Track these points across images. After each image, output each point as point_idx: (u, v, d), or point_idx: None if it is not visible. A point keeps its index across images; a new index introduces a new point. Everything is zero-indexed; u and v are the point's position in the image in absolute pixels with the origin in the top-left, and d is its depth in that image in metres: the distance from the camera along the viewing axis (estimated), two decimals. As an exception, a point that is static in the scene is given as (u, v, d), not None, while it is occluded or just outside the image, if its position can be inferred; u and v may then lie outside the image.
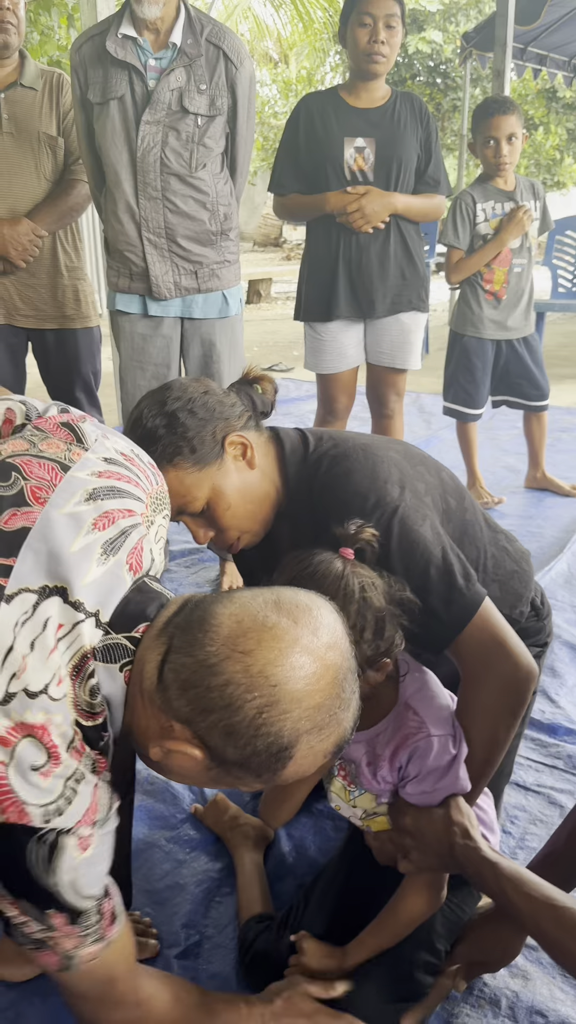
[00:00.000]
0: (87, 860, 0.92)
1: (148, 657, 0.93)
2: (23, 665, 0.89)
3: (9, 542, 0.94)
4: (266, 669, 0.87)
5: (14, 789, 0.87)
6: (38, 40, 7.01)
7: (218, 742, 0.90)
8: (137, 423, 1.35)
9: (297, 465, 1.40)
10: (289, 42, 16.05)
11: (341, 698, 0.92)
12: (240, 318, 2.63)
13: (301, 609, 0.92)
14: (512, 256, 3.22)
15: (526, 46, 6.77)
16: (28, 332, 2.86)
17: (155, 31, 2.32)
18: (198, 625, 0.91)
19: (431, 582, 1.26)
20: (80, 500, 1.00)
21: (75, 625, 0.92)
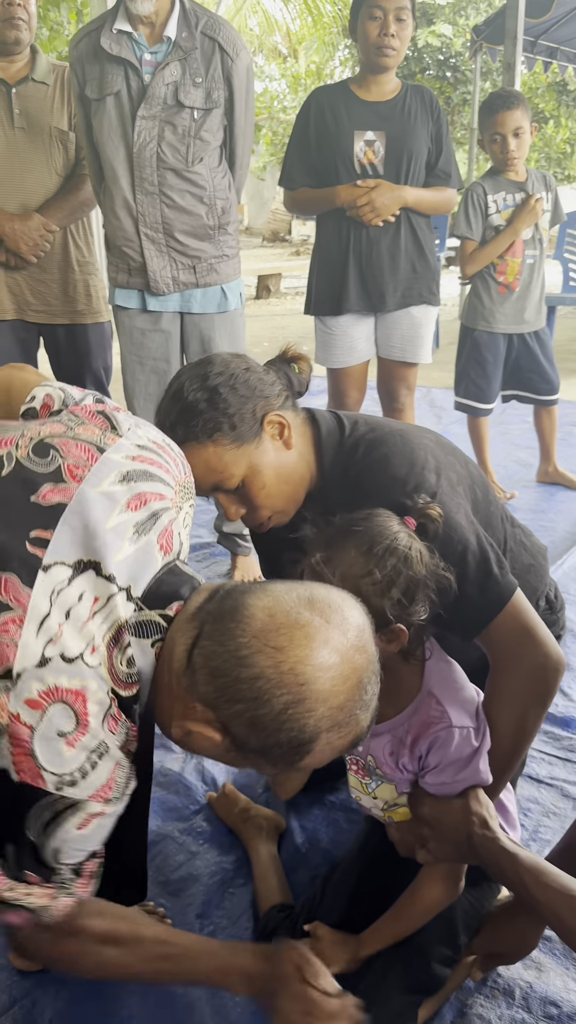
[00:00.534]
0: (80, 837, 0.94)
1: (178, 639, 0.95)
2: (59, 632, 0.91)
3: (46, 516, 0.96)
4: (296, 667, 0.89)
5: (36, 754, 0.88)
6: (47, 35, 7.02)
7: (241, 730, 0.92)
8: (178, 395, 1.33)
9: (333, 448, 1.40)
10: (298, 36, 16.03)
11: (363, 699, 0.94)
12: (240, 312, 2.63)
13: (333, 608, 0.94)
14: (524, 247, 3.21)
15: (536, 39, 6.73)
16: (39, 327, 2.87)
17: (150, 25, 2.32)
18: (230, 615, 0.92)
19: (467, 568, 1.27)
20: (114, 480, 1.02)
21: (109, 598, 0.95)
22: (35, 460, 1.01)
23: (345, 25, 3.39)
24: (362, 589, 1.12)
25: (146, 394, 2.61)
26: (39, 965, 1.41)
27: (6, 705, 0.88)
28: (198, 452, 1.30)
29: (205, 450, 1.30)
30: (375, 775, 1.32)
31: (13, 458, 1.02)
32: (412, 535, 1.19)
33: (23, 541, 0.93)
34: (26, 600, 0.90)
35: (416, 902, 1.29)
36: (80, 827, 0.93)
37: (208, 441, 1.30)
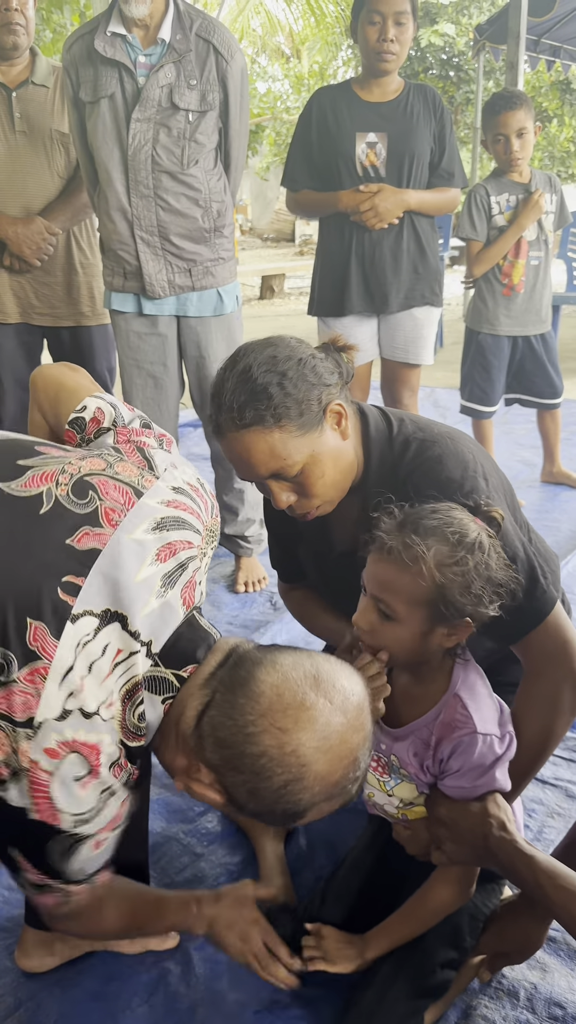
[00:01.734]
0: (97, 856, 1.02)
1: (190, 703, 1.01)
2: (81, 686, 0.94)
3: (80, 560, 0.98)
4: (299, 749, 0.95)
5: (54, 798, 0.94)
6: (50, 38, 7.03)
7: (240, 797, 0.99)
8: (246, 376, 1.27)
9: (382, 443, 1.39)
10: (301, 37, 16.04)
11: (355, 775, 1.01)
12: (237, 315, 2.63)
13: (336, 688, 0.99)
14: (529, 248, 3.21)
15: (539, 38, 6.72)
16: (44, 330, 2.88)
17: (144, 27, 2.32)
18: (241, 688, 0.97)
19: (524, 566, 1.31)
20: (148, 528, 1.05)
21: (132, 654, 0.99)
22: (73, 500, 1.03)
23: (348, 25, 3.38)
24: (447, 577, 1.14)
25: (143, 398, 2.61)
26: (44, 967, 1.42)
27: (27, 752, 0.92)
28: (264, 437, 1.27)
29: (271, 435, 1.26)
30: (397, 774, 1.31)
31: (52, 496, 1.03)
32: (491, 534, 1.20)
33: (55, 587, 0.96)
34: (52, 651, 0.93)
35: (426, 904, 1.28)
36: (95, 848, 1.01)
37: (275, 426, 1.26)
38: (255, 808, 0.99)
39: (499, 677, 1.52)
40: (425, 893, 1.28)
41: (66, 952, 1.43)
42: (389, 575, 1.17)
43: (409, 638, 1.19)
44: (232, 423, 1.27)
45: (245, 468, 1.31)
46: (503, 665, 1.55)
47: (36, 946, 1.42)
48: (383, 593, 1.19)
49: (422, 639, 1.20)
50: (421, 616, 1.17)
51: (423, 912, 1.28)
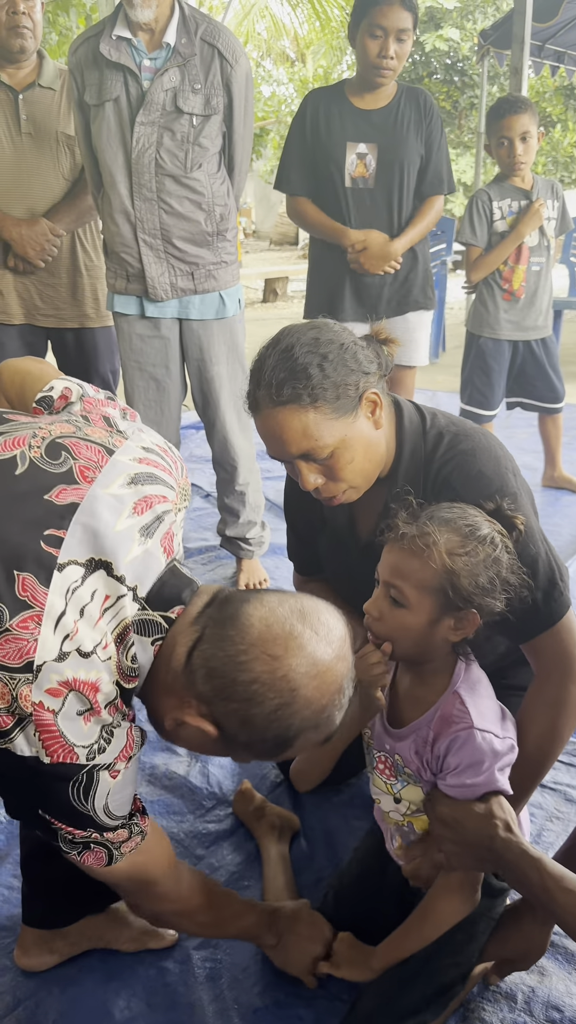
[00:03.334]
0: (118, 784, 1.02)
1: (179, 640, 1.03)
2: (75, 628, 0.97)
3: (60, 514, 1.01)
4: (289, 675, 0.99)
5: (63, 732, 0.96)
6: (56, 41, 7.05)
7: (232, 726, 1.02)
8: (288, 354, 1.29)
9: (415, 435, 1.41)
10: (306, 41, 16.05)
11: (340, 703, 1.05)
12: (239, 319, 2.64)
13: (321, 621, 1.03)
14: (530, 254, 3.21)
15: (544, 43, 6.72)
16: (48, 331, 2.88)
17: (149, 31, 2.33)
18: (230, 622, 1.01)
19: (537, 575, 1.32)
20: (123, 483, 1.07)
21: (119, 598, 1.01)
22: (48, 461, 1.06)
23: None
24: (456, 564, 1.16)
25: (146, 400, 2.62)
26: (43, 966, 1.42)
27: (28, 696, 0.94)
28: (299, 415, 1.28)
29: (306, 415, 1.28)
30: (402, 775, 1.31)
31: (27, 458, 1.05)
32: (503, 534, 1.23)
33: (38, 540, 0.98)
34: (43, 599, 0.95)
35: (431, 915, 1.27)
36: (113, 776, 1.01)
37: (311, 406, 1.28)
38: (246, 737, 1.02)
39: (505, 680, 1.54)
40: (429, 904, 1.27)
41: (65, 951, 1.43)
42: (401, 560, 1.20)
43: (417, 626, 1.21)
44: (269, 399, 1.29)
45: (277, 445, 1.33)
46: (510, 669, 1.56)
47: (35, 945, 1.42)
48: (394, 579, 1.21)
49: (429, 628, 1.21)
50: (430, 604, 1.19)
51: (428, 923, 1.27)
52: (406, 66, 14.91)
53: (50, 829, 1.04)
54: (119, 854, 1.08)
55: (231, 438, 2.67)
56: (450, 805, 1.21)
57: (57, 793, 0.99)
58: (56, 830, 1.03)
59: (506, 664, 1.58)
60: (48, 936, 1.42)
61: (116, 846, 1.07)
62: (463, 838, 1.19)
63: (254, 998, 1.38)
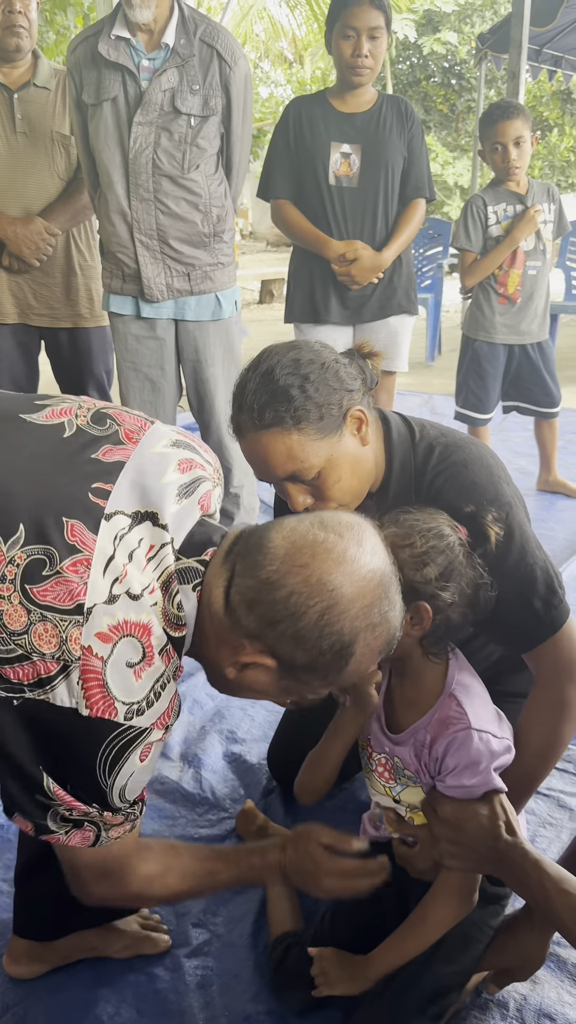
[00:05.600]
0: (142, 768, 1.01)
1: (215, 583, 1.03)
2: (124, 571, 0.97)
3: (107, 470, 1.04)
4: (323, 577, 0.97)
5: (108, 684, 0.94)
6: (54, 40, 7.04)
7: (287, 649, 0.99)
8: (269, 377, 1.29)
9: (404, 448, 1.41)
10: (304, 42, 16.05)
11: (388, 597, 1.02)
12: (235, 320, 2.63)
13: (343, 525, 1.02)
14: (526, 259, 3.21)
15: (541, 47, 6.74)
16: (41, 331, 2.87)
17: (148, 32, 2.32)
18: (256, 550, 1.01)
19: (537, 584, 1.33)
20: (166, 444, 1.11)
21: (162, 546, 1.02)
22: (94, 426, 1.10)
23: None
24: (399, 556, 1.15)
25: (140, 400, 2.61)
26: (32, 975, 1.41)
27: (78, 639, 0.93)
28: (282, 438, 1.28)
29: (290, 437, 1.28)
30: (402, 778, 1.30)
31: (74, 424, 1.10)
32: (462, 541, 1.23)
33: (86, 492, 1.00)
34: (92, 544, 0.97)
35: (427, 918, 1.25)
36: (142, 758, 0.99)
37: (294, 429, 1.28)
38: (304, 657, 0.99)
39: (500, 687, 1.53)
40: (426, 907, 1.26)
41: (56, 961, 1.42)
42: None
43: None
44: (252, 423, 1.29)
45: (263, 469, 1.33)
46: (505, 676, 1.56)
47: (24, 955, 1.40)
48: None
49: None
50: None
51: (425, 927, 1.25)
52: (403, 69, 14.96)
53: (42, 804, 1.01)
54: (106, 837, 1.06)
55: (226, 440, 2.66)
56: (453, 805, 1.19)
57: (86, 755, 0.96)
58: (49, 805, 1.00)
59: (500, 671, 1.57)
60: (38, 947, 1.41)
61: (107, 828, 1.05)
62: (464, 839, 1.18)
63: (245, 1005, 1.37)
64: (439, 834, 1.20)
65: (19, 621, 0.94)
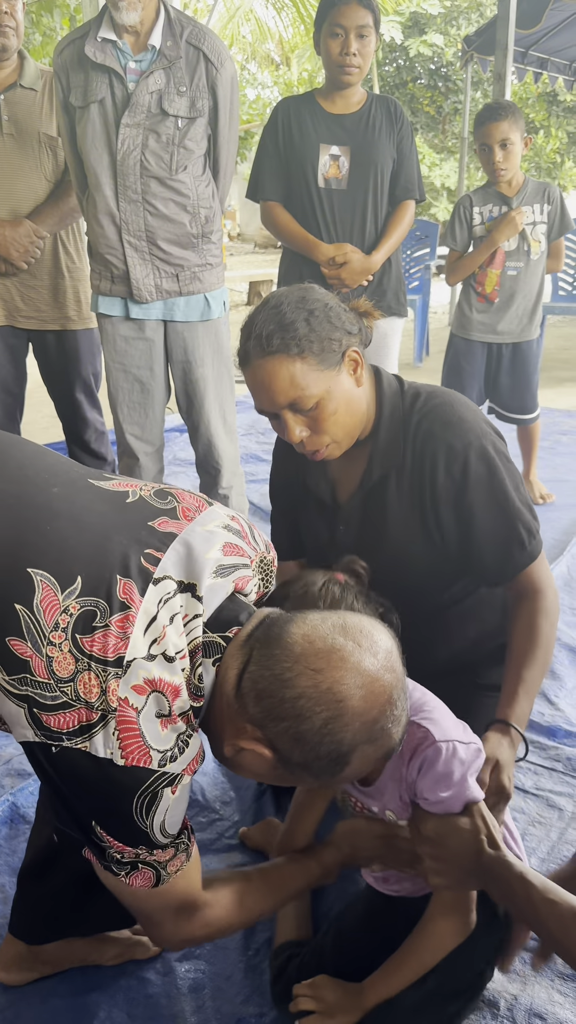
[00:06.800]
0: (176, 800, 1.03)
1: (231, 664, 1.06)
2: (163, 633, 1.01)
3: (160, 539, 1.09)
4: (334, 687, 0.99)
5: (143, 733, 0.98)
6: (40, 41, 7.03)
7: (286, 746, 1.02)
8: (277, 309, 1.40)
9: (393, 395, 1.52)
10: (291, 44, 16.06)
11: (394, 714, 1.04)
12: (224, 321, 2.63)
13: (364, 634, 1.04)
14: (506, 259, 3.22)
15: (527, 50, 6.77)
16: (29, 333, 2.87)
17: (135, 34, 2.32)
18: (275, 642, 1.03)
19: (523, 515, 1.47)
20: (218, 525, 1.16)
21: (195, 617, 1.05)
22: (156, 499, 1.15)
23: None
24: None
25: (130, 402, 2.61)
26: (23, 981, 1.40)
27: (116, 690, 0.97)
28: (286, 365, 1.37)
29: (293, 364, 1.37)
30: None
31: (138, 494, 1.16)
32: (344, 584, 1.22)
33: (139, 555, 1.05)
34: (139, 603, 1.01)
35: (424, 940, 1.23)
36: (173, 792, 1.02)
37: (297, 357, 1.37)
38: (301, 756, 1.01)
39: (478, 680, 1.58)
40: (422, 929, 1.23)
41: (46, 970, 1.41)
42: None
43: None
44: (260, 349, 1.38)
45: (266, 395, 1.40)
46: (482, 667, 1.59)
47: (15, 963, 1.40)
48: None
49: None
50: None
51: (422, 949, 1.23)
52: (389, 71, 15.00)
53: (99, 846, 1.03)
54: (166, 874, 1.07)
55: (215, 441, 2.66)
56: (434, 822, 1.18)
57: (121, 803, 0.99)
58: (105, 847, 1.02)
59: (478, 659, 1.61)
60: (29, 955, 1.40)
61: (163, 865, 1.06)
62: (447, 854, 1.16)
63: (237, 1008, 1.37)
64: (422, 852, 1.20)
65: (67, 669, 0.97)
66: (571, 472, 3.86)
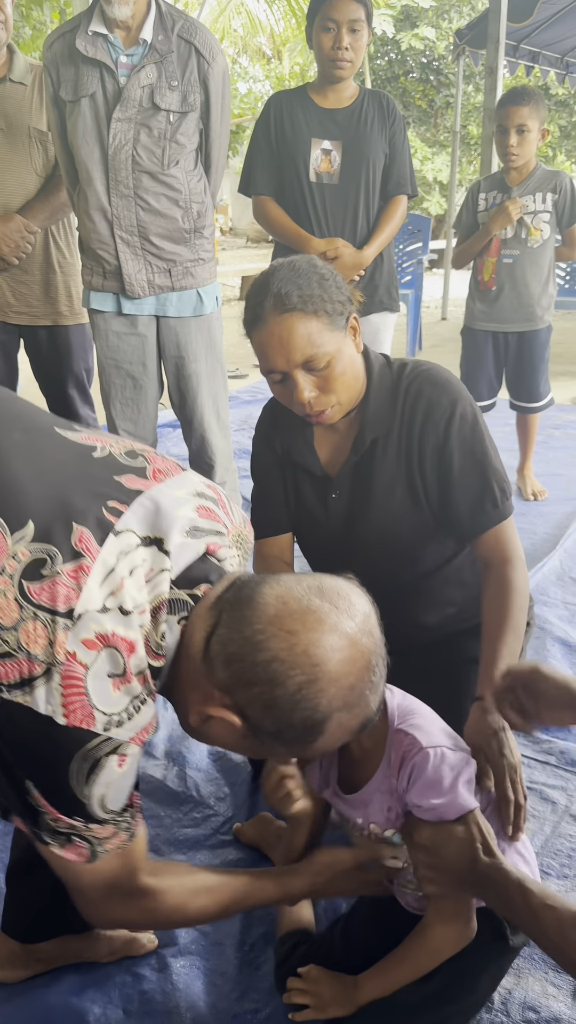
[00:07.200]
0: (122, 774, 0.96)
1: (198, 626, 0.99)
2: (121, 585, 0.95)
3: (125, 494, 1.02)
4: (309, 649, 0.94)
5: (89, 693, 0.91)
6: (30, 35, 6.99)
7: (257, 713, 0.96)
8: (293, 271, 1.45)
9: (380, 365, 1.59)
10: (282, 38, 16.02)
11: (371, 681, 0.99)
12: (216, 316, 2.63)
13: (341, 596, 0.99)
14: (502, 247, 3.23)
15: (519, 43, 6.77)
16: (20, 329, 2.85)
17: (126, 28, 2.31)
18: (246, 603, 0.97)
19: (497, 473, 1.54)
20: (190, 493, 1.09)
21: (161, 571, 0.99)
22: (125, 457, 1.09)
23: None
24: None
25: (123, 398, 2.60)
26: (17, 978, 1.40)
27: (64, 643, 0.91)
28: (304, 322, 1.42)
29: (310, 322, 1.42)
30: (389, 842, 1.25)
31: (107, 450, 1.09)
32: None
33: (101, 507, 0.99)
34: (96, 553, 0.95)
35: (423, 944, 1.22)
36: (120, 765, 0.95)
37: (313, 315, 1.43)
38: (272, 725, 0.96)
39: (463, 654, 1.61)
40: (421, 932, 1.22)
41: (40, 967, 1.41)
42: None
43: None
44: (279, 306, 1.42)
45: (282, 352, 1.44)
46: (463, 639, 1.64)
47: (9, 961, 1.39)
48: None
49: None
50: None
51: (420, 952, 1.22)
52: (381, 65, 14.95)
53: (34, 810, 0.97)
54: (102, 851, 1.00)
55: (208, 436, 2.66)
56: (428, 830, 1.16)
57: (59, 765, 0.93)
58: (40, 812, 0.96)
59: (461, 630, 1.66)
60: (24, 953, 1.39)
61: (99, 842, 1.00)
62: (442, 863, 1.15)
63: (232, 1004, 1.37)
64: (416, 860, 1.18)
65: (10, 617, 0.92)
66: (565, 466, 3.87)
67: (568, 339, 7.12)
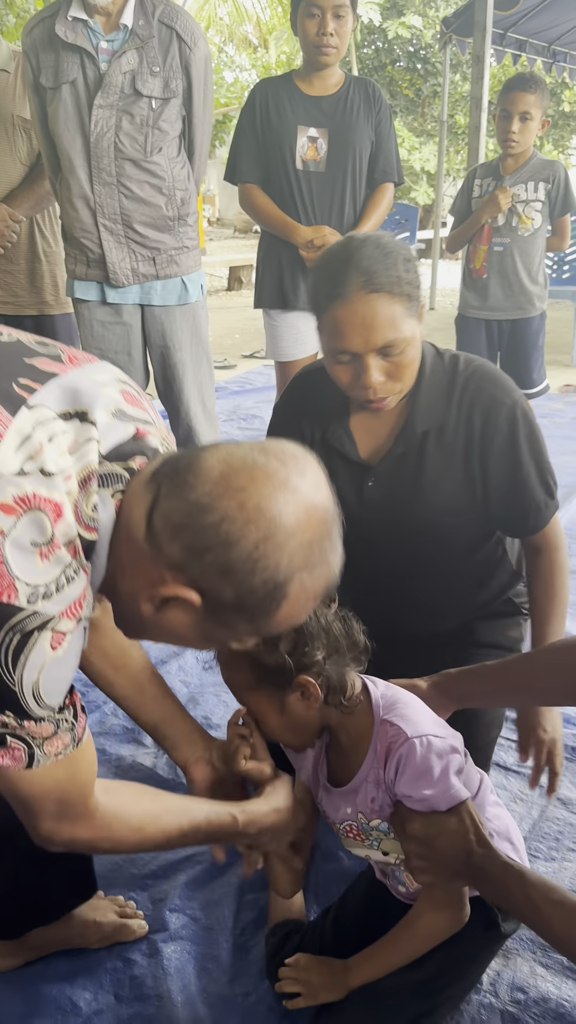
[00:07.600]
0: (56, 659, 0.87)
1: (135, 503, 0.90)
2: (40, 449, 0.86)
3: (39, 374, 0.93)
4: (261, 503, 0.86)
5: (8, 561, 0.82)
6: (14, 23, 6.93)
7: (213, 583, 0.88)
8: (380, 248, 1.36)
9: (432, 357, 1.53)
10: (268, 26, 15.96)
11: (330, 537, 0.92)
12: (202, 304, 2.62)
13: (287, 453, 0.92)
14: (493, 234, 3.24)
15: (505, 32, 6.75)
16: (6, 318, 2.83)
17: (106, 13, 2.29)
18: (187, 470, 0.88)
19: (550, 468, 1.54)
20: (113, 378, 1.00)
21: (87, 441, 0.90)
22: (36, 344, 1.00)
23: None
24: (252, 652, 1.15)
25: None
26: (7, 967, 1.40)
27: None
28: (389, 304, 1.35)
29: (395, 304, 1.35)
30: (372, 835, 1.26)
31: (15, 337, 1.00)
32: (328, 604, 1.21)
33: (11, 383, 0.90)
34: (8, 422, 0.86)
35: (414, 930, 1.22)
36: (54, 647, 0.86)
37: (398, 298, 1.35)
38: (232, 592, 0.88)
39: (473, 637, 1.64)
40: (412, 919, 1.22)
41: (30, 956, 1.41)
42: (225, 674, 1.26)
43: (273, 719, 1.23)
44: (366, 284, 1.33)
45: (363, 333, 1.35)
46: (477, 625, 1.66)
47: (0, 948, 1.40)
48: (230, 689, 1.27)
49: (285, 713, 1.21)
50: (264, 696, 1.21)
51: (411, 938, 1.22)
52: (368, 53, 14.90)
53: None
54: (42, 754, 0.91)
55: (195, 426, 2.65)
56: (420, 821, 1.14)
57: None
58: None
59: (474, 619, 1.66)
60: (13, 942, 1.39)
61: (38, 743, 0.90)
62: (435, 854, 1.13)
63: (223, 988, 1.38)
64: (408, 851, 1.16)
65: None
66: (552, 455, 3.85)
67: (554, 328, 7.13)
